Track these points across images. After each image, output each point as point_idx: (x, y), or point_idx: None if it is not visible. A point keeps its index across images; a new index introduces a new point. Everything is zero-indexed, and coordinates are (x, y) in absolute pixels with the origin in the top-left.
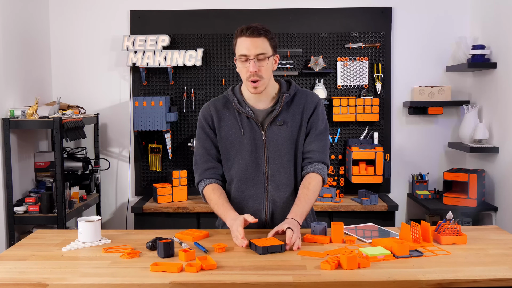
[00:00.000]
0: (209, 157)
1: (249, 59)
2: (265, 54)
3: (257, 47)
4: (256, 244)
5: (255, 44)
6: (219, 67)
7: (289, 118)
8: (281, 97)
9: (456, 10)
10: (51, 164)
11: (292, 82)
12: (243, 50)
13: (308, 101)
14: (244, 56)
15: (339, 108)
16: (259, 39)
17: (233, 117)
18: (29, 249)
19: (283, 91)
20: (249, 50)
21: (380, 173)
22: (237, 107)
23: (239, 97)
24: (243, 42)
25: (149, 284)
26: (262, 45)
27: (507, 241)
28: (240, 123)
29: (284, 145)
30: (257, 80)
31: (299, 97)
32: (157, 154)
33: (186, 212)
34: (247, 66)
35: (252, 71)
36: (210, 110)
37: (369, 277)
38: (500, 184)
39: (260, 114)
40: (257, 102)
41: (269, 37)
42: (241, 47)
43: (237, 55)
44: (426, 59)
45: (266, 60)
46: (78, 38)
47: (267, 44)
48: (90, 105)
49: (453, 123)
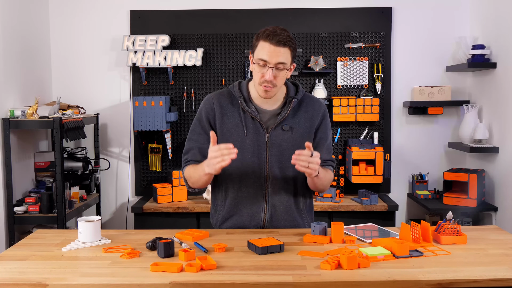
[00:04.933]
0: (200, 155)
1: (268, 66)
2: (284, 64)
3: (279, 56)
4: (255, 244)
5: (278, 53)
6: (219, 67)
7: (295, 124)
8: (289, 101)
9: (456, 10)
10: (51, 164)
11: (299, 86)
12: (264, 55)
13: (315, 109)
14: (264, 61)
15: (339, 108)
16: (284, 48)
17: (237, 115)
18: (29, 249)
19: (291, 95)
20: (271, 58)
21: (380, 173)
22: (242, 106)
23: (245, 95)
24: (266, 47)
25: (149, 284)
26: (284, 55)
27: (507, 241)
28: (244, 123)
29: (287, 150)
30: (270, 87)
31: (306, 103)
32: (157, 154)
33: (186, 212)
34: (263, 72)
35: (268, 79)
36: (213, 104)
37: (369, 277)
38: (500, 184)
39: (265, 115)
40: (263, 102)
41: (292, 48)
42: (262, 51)
43: (255, 58)
44: (426, 59)
45: (284, 71)
46: (78, 38)
47: (289, 54)
48: (90, 105)
49: (453, 123)
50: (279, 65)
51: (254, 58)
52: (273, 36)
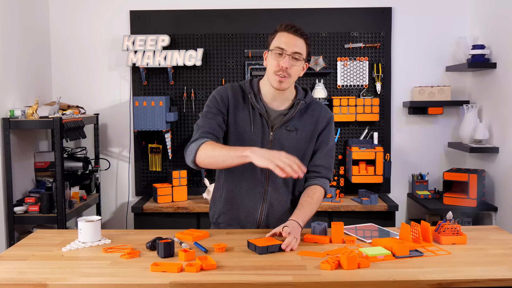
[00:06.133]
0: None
1: (285, 53)
2: (301, 54)
3: (297, 46)
4: (255, 244)
5: (296, 42)
6: (219, 67)
7: (300, 126)
8: (297, 103)
9: (456, 10)
10: (51, 164)
11: (308, 91)
12: (282, 44)
13: (322, 114)
14: (281, 49)
15: (339, 108)
16: (301, 39)
17: (247, 110)
18: (29, 249)
19: (299, 97)
20: (288, 46)
21: (380, 173)
22: (252, 101)
23: (256, 92)
24: (284, 36)
25: (149, 284)
26: (301, 46)
27: (507, 241)
28: (252, 118)
29: (289, 151)
30: (285, 77)
31: (313, 108)
32: (157, 154)
33: (186, 212)
34: (279, 60)
35: (284, 66)
36: (228, 93)
37: (369, 277)
38: (500, 184)
39: (273, 114)
40: (272, 101)
41: (308, 42)
42: (280, 40)
43: (272, 47)
44: (426, 59)
45: (299, 61)
46: (78, 38)
47: (304, 47)
48: (90, 105)
49: (453, 123)
50: (295, 55)
51: (272, 46)
52: (291, 27)
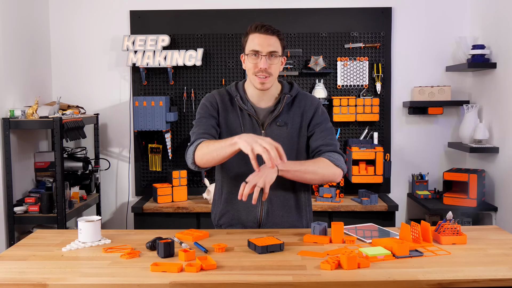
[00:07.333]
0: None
1: (261, 55)
2: (276, 52)
3: (270, 45)
4: (255, 243)
5: (269, 41)
6: (219, 67)
7: (289, 120)
8: (283, 97)
9: (456, 10)
10: (51, 164)
11: (294, 84)
12: (256, 46)
13: (307, 104)
14: (256, 52)
15: (339, 108)
16: (272, 37)
17: (235, 113)
18: (29, 249)
19: (285, 92)
20: (262, 46)
21: (380, 173)
22: (239, 104)
23: (242, 94)
24: (256, 38)
25: (149, 284)
26: (274, 44)
27: (507, 241)
28: (241, 120)
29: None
30: (266, 77)
31: (299, 99)
32: (157, 154)
33: (186, 212)
34: (257, 62)
35: (262, 67)
36: (216, 99)
37: (369, 277)
38: (500, 184)
39: (261, 112)
40: (259, 101)
41: (281, 38)
42: (253, 42)
43: (247, 51)
44: (426, 59)
45: (276, 58)
46: (78, 38)
47: (278, 43)
48: (90, 105)
49: (453, 123)
50: (271, 53)
51: (247, 50)
52: (261, 27)
